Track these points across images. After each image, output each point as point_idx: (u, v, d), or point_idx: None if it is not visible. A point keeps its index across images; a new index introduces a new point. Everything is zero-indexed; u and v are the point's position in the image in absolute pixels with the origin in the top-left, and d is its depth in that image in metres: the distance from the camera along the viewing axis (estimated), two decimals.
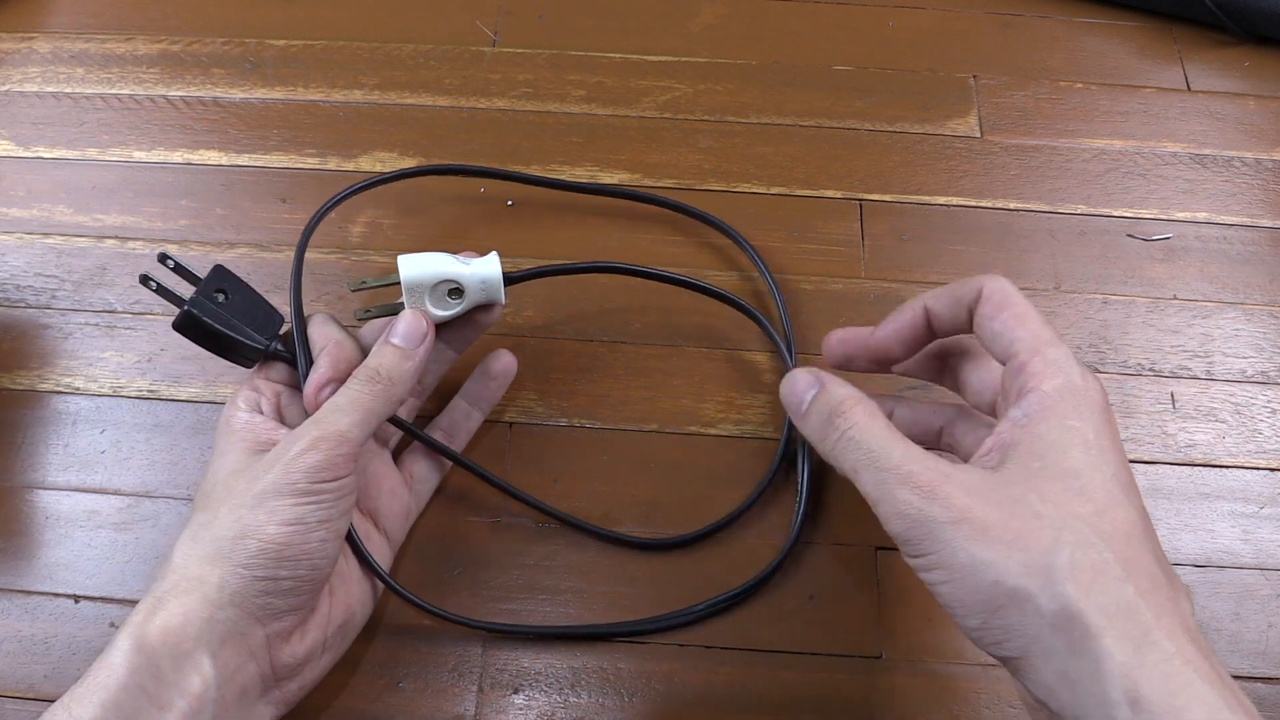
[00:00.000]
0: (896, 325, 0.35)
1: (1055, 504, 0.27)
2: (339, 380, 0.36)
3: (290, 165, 0.50)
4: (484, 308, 0.40)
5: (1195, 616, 0.27)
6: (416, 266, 0.38)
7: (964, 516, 0.27)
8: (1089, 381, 0.30)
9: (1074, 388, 0.29)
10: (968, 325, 0.33)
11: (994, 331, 0.31)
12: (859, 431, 0.30)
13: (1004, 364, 0.31)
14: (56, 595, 0.40)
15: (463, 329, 0.40)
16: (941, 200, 0.50)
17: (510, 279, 0.39)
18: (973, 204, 0.50)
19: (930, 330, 0.34)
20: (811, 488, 0.42)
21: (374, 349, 0.37)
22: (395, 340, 0.37)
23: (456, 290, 0.38)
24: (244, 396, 0.37)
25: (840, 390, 0.32)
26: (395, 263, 0.38)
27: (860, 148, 0.51)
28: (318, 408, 0.35)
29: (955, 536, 0.27)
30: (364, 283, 0.41)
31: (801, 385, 0.33)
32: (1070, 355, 0.30)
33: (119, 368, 0.45)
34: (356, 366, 0.37)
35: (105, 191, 0.49)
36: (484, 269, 0.38)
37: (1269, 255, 0.49)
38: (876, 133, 0.52)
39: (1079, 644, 0.25)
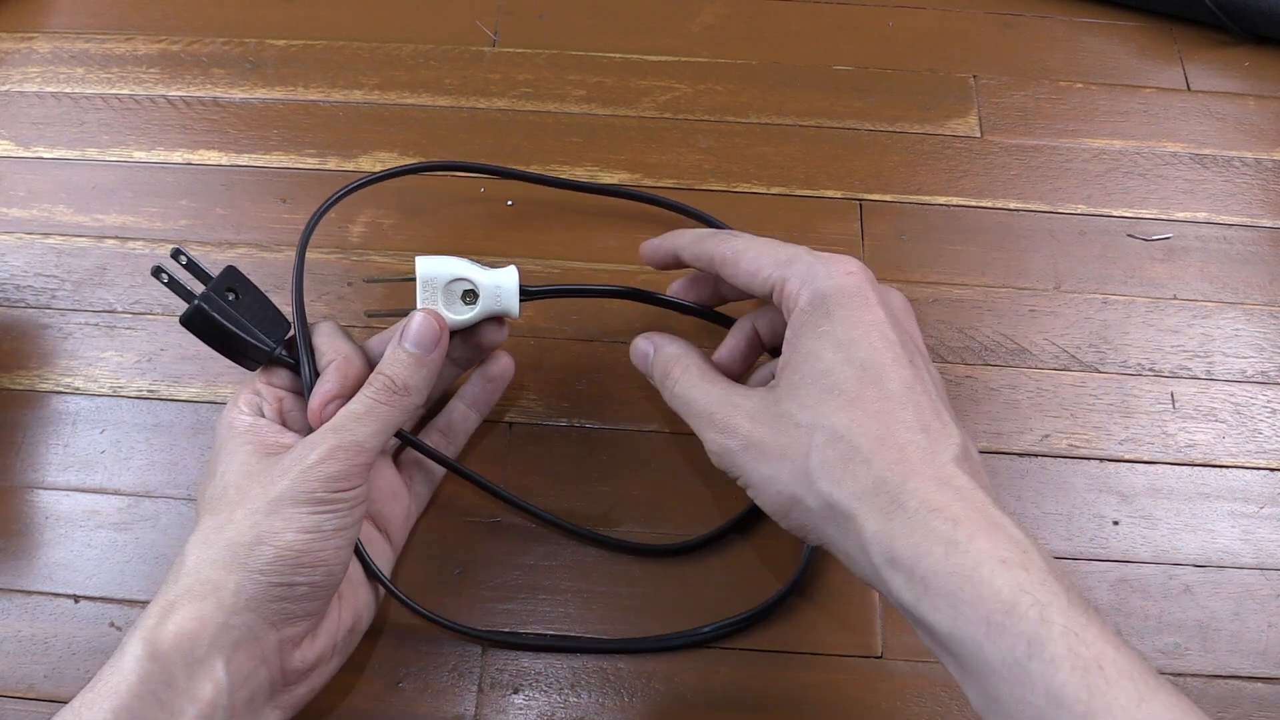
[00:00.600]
0: (655, 246, 0.40)
1: (810, 409, 0.31)
2: (345, 397, 0.36)
3: (290, 165, 0.50)
4: (491, 324, 0.40)
5: (965, 454, 0.30)
6: (433, 264, 0.38)
7: (749, 442, 0.32)
8: (836, 277, 0.32)
9: (820, 294, 0.32)
10: (729, 291, 0.38)
11: (746, 281, 0.35)
12: (681, 387, 0.35)
13: (768, 298, 0.35)
14: (56, 595, 0.40)
15: (468, 348, 0.40)
16: (941, 200, 0.50)
17: (527, 293, 0.39)
18: (973, 204, 0.50)
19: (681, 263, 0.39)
20: None
21: (387, 354, 0.36)
22: (408, 345, 0.36)
23: (471, 294, 0.38)
24: (245, 399, 0.37)
25: (668, 349, 0.37)
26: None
27: (860, 148, 0.51)
28: (321, 422, 0.35)
29: (747, 460, 0.32)
30: (379, 278, 0.41)
31: (641, 350, 0.38)
32: (815, 260, 0.33)
33: (119, 368, 0.45)
34: (364, 381, 0.36)
35: (105, 191, 0.49)
36: (501, 277, 0.38)
37: (1269, 255, 0.49)
38: (876, 133, 0.52)
39: (844, 527, 0.30)
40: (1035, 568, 0.27)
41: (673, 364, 0.36)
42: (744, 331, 0.38)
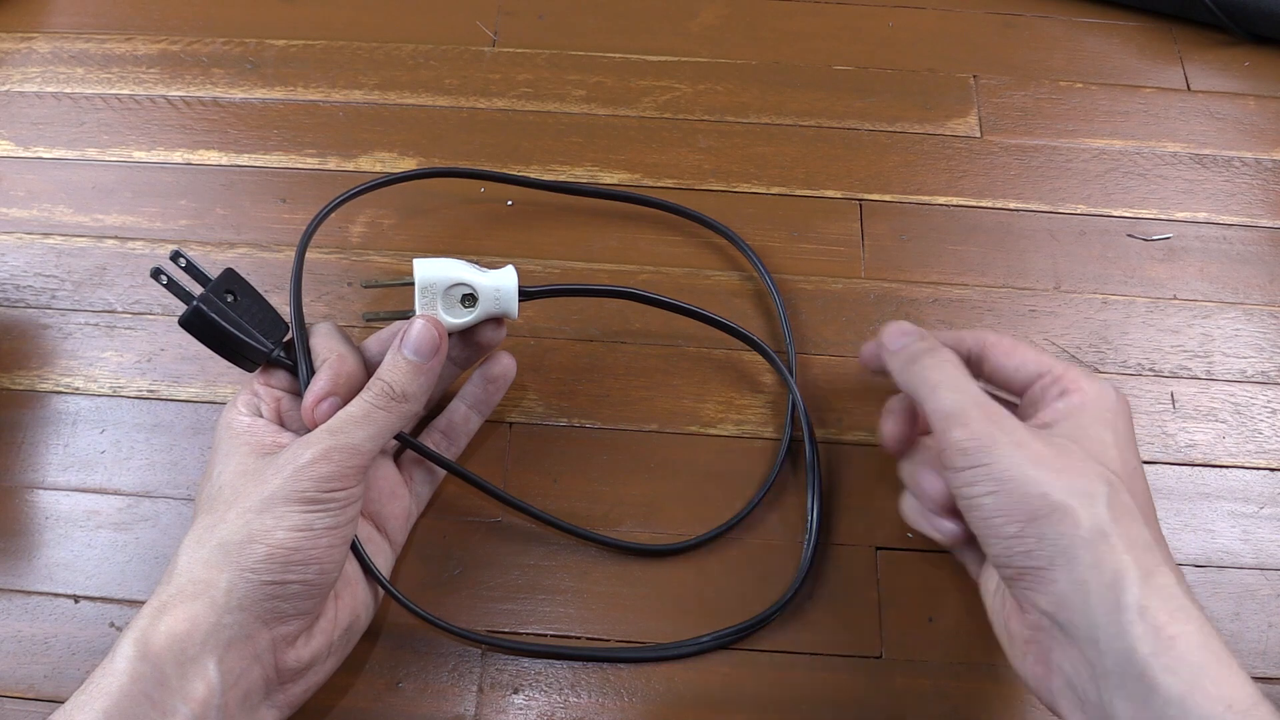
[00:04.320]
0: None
1: (1094, 458, 0.31)
2: (338, 394, 0.36)
3: (290, 165, 0.50)
4: (490, 324, 0.40)
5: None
6: (432, 268, 0.38)
7: (1022, 443, 0.31)
8: (1121, 399, 0.34)
9: (1109, 396, 0.34)
10: (974, 372, 0.37)
11: (1017, 365, 0.36)
12: (949, 365, 0.35)
13: (1027, 388, 0.36)
14: (56, 595, 0.40)
15: (467, 348, 0.40)
16: (941, 200, 0.50)
17: (526, 294, 0.39)
18: (973, 204, 0.50)
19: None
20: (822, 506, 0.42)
21: (387, 360, 0.36)
22: (408, 352, 0.36)
23: (470, 297, 0.38)
24: (244, 400, 0.37)
25: (929, 342, 0.37)
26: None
27: (860, 148, 0.51)
28: (314, 420, 0.35)
29: (1013, 454, 0.31)
30: (377, 282, 0.41)
31: (900, 330, 0.37)
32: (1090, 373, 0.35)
33: (119, 368, 0.45)
34: (359, 380, 0.36)
35: (105, 191, 0.49)
36: (500, 279, 0.38)
37: (1269, 255, 0.49)
38: (876, 133, 0.52)
39: (1104, 559, 0.29)
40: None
41: (940, 348, 0.36)
42: (901, 414, 0.38)
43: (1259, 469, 0.43)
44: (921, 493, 0.36)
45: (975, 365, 0.37)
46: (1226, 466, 0.43)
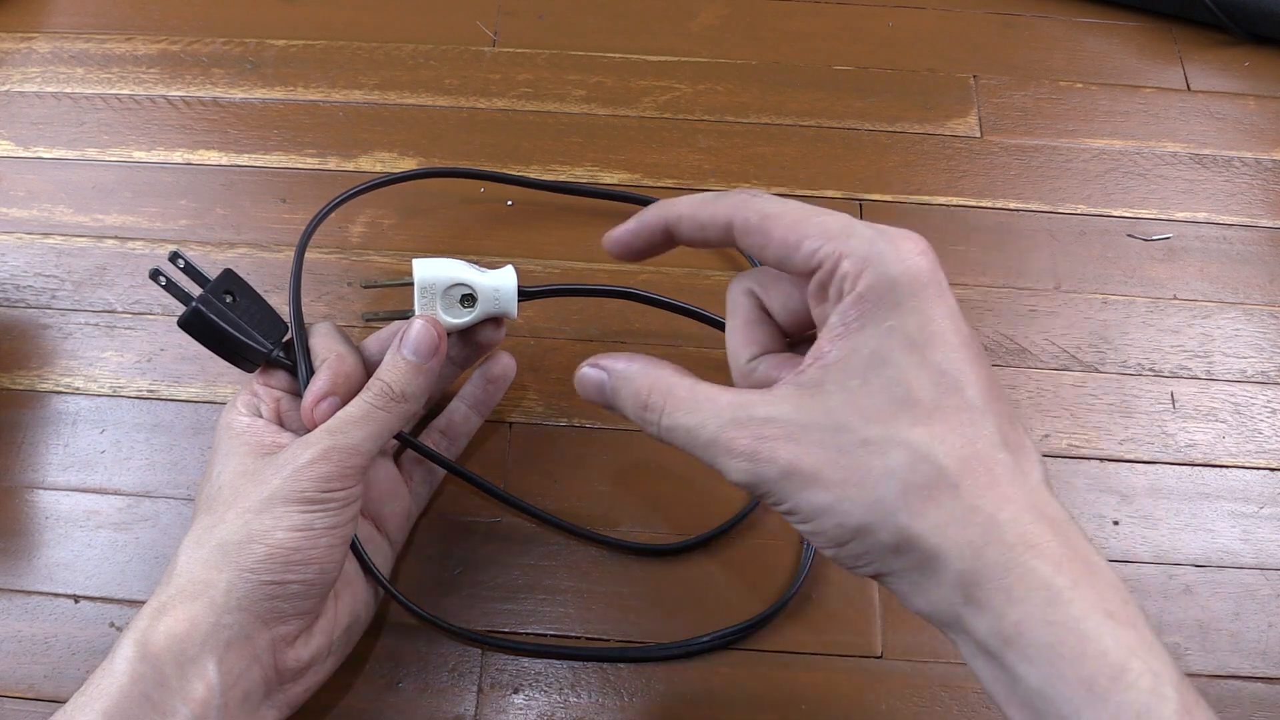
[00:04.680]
0: (635, 231, 0.33)
1: (881, 422, 0.26)
2: (337, 393, 0.36)
3: (290, 165, 0.50)
4: (489, 324, 0.40)
5: (1046, 472, 0.27)
6: (431, 268, 0.38)
7: (793, 469, 0.26)
8: (907, 259, 0.27)
9: (889, 279, 0.26)
10: (726, 244, 0.31)
11: (779, 253, 0.28)
12: (671, 417, 0.29)
13: (808, 275, 0.28)
14: (56, 595, 0.40)
15: (466, 347, 0.40)
16: (941, 200, 0.50)
17: (525, 294, 0.39)
18: (973, 204, 0.50)
19: (672, 241, 0.32)
20: None
21: (386, 360, 0.36)
22: (407, 353, 0.36)
23: (469, 297, 0.38)
24: (244, 400, 0.37)
25: (631, 369, 0.31)
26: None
27: (860, 148, 0.51)
28: (314, 420, 0.35)
29: (790, 489, 0.27)
30: (376, 282, 0.41)
31: (591, 380, 0.32)
32: (877, 236, 0.27)
33: (119, 368, 0.45)
34: (358, 379, 0.36)
35: (105, 191, 0.49)
36: (500, 279, 0.38)
37: (1269, 255, 0.49)
38: (876, 133, 0.52)
39: (921, 562, 0.26)
40: (1141, 625, 0.24)
41: (646, 389, 0.30)
42: (745, 308, 0.31)
43: (1259, 469, 0.43)
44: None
45: (723, 240, 0.30)
46: (1226, 466, 0.43)
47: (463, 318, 0.38)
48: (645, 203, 0.49)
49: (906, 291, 0.26)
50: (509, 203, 0.49)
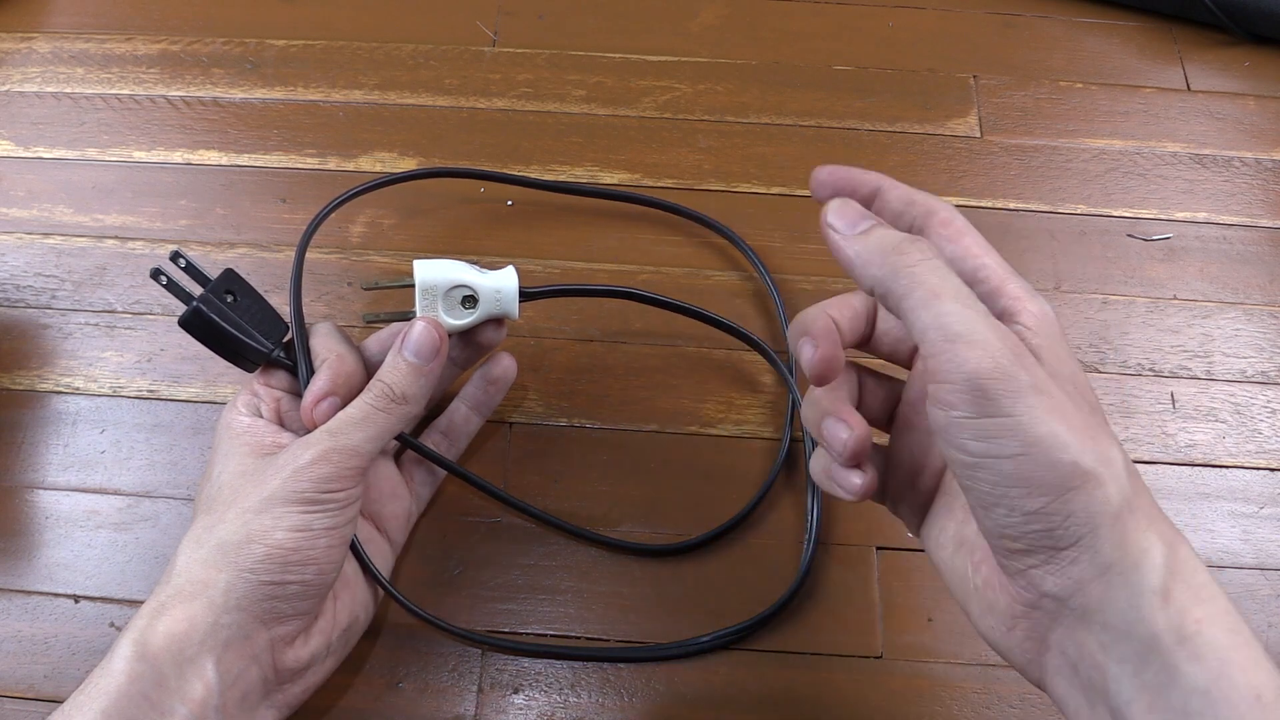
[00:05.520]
0: (849, 175, 0.31)
1: (1089, 405, 0.26)
2: (338, 394, 0.36)
3: (290, 165, 0.50)
4: (490, 325, 0.40)
5: None
6: (432, 270, 0.38)
7: (1045, 388, 0.25)
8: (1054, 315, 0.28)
9: (1052, 316, 0.28)
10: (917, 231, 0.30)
11: (954, 255, 0.29)
12: (949, 271, 0.26)
13: (970, 281, 0.28)
14: (56, 595, 0.40)
15: (467, 348, 0.40)
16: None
17: (526, 294, 0.39)
18: (973, 204, 0.50)
19: (869, 202, 0.31)
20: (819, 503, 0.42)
21: (387, 361, 0.36)
22: (408, 354, 0.36)
23: (470, 299, 0.38)
24: (244, 401, 0.37)
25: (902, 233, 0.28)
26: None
27: (860, 148, 0.51)
28: (314, 420, 0.35)
29: (1038, 405, 0.24)
30: (377, 284, 0.41)
31: (861, 209, 0.29)
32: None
33: (119, 368, 0.45)
34: (358, 380, 0.36)
35: (105, 191, 0.49)
36: (501, 280, 0.38)
37: (1269, 255, 0.49)
38: (876, 133, 0.52)
39: (1129, 537, 0.25)
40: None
41: (924, 243, 0.27)
42: (859, 306, 0.32)
43: (1259, 469, 0.43)
44: (834, 439, 0.29)
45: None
46: (1226, 466, 0.43)
47: (464, 319, 0.38)
48: (646, 203, 0.49)
49: (1060, 330, 0.28)
50: (509, 203, 0.49)
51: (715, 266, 0.48)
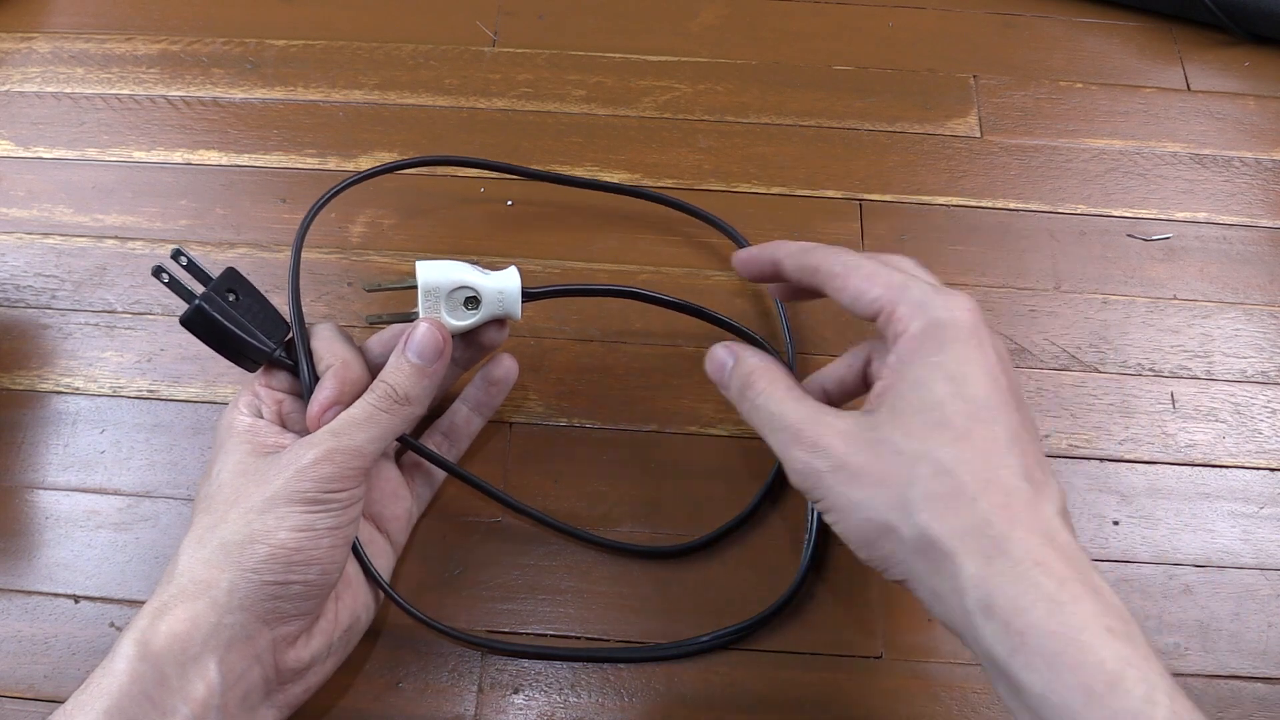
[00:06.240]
0: (755, 255, 0.38)
1: (916, 439, 0.30)
2: (344, 403, 0.36)
3: (290, 165, 0.50)
4: (493, 325, 0.40)
5: (1064, 510, 0.30)
6: (435, 271, 0.37)
7: (840, 464, 0.31)
8: (954, 311, 0.31)
9: (936, 324, 0.31)
10: (814, 286, 0.35)
11: (851, 298, 0.33)
12: (764, 399, 0.34)
13: (873, 320, 0.33)
14: (56, 595, 0.40)
15: (469, 348, 0.40)
16: (941, 200, 0.50)
17: (529, 295, 0.39)
18: (973, 204, 0.50)
19: (778, 275, 0.37)
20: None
21: (391, 362, 0.36)
22: (412, 356, 0.36)
23: (473, 300, 0.38)
24: (245, 401, 0.37)
25: (751, 360, 0.35)
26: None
27: (860, 148, 0.51)
28: (320, 429, 0.35)
29: (835, 483, 0.31)
30: (380, 285, 0.41)
31: (719, 358, 0.36)
32: (931, 290, 0.32)
33: (119, 368, 0.45)
34: (363, 386, 0.36)
35: (105, 191, 0.49)
36: (503, 280, 0.38)
37: (1269, 255, 0.49)
38: (876, 133, 0.52)
39: (938, 565, 0.28)
40: (1139, 642, 0.26)
41: (756, 374, 0.34)
42: (853, 362, 0.37)
43: (1259, 469, 0.43)
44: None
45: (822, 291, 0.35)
46: (1226, 466, 0.43)
47: (467, 320, 0.38)
48: (645, 196, 0.49)
49: (950, 336, 0.31)
50: (509, 202, 0.49)
51: (715, 266, 0.48)
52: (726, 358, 0.36)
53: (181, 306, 0.36)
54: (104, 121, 0.51)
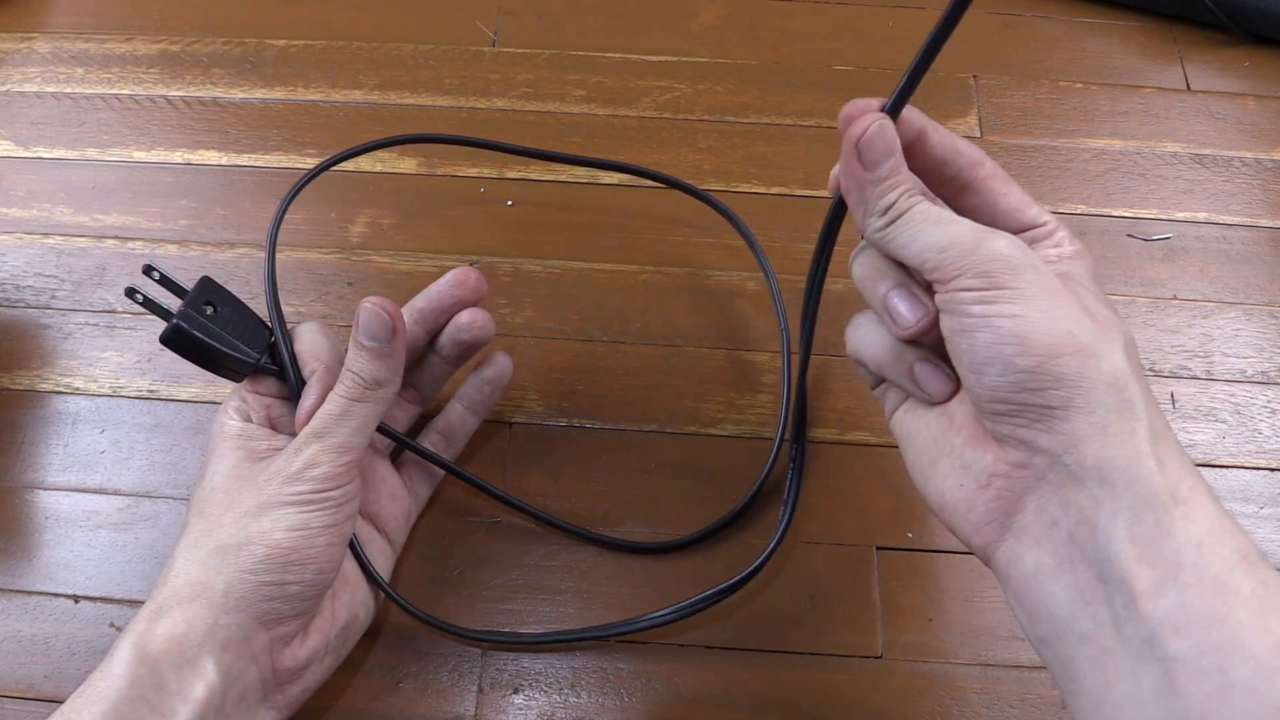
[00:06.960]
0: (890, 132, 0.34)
1: (1105, 312, 0.29)
2: None
3: (290, 165, 0.50)
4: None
5: None
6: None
7: (1048, 281, 0.28)
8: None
9: (1090, 262, 0.31)
10: (958, 179, 0.32)
11: (1013, 206, 0.31)
12: (919, 221, 0.30)
13: (1020, 230, 0.31)
14: (56, 595, 0.40)
15: (455, 347, 0.40)
16: None
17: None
18: None
19: (913, 152, 0.34)
20: (802, 481, 0.42)
21: (349, 351, 0.35)
22: (364, 339, 0.35)
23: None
24: (234, 406, 0.37)
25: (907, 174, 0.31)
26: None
27: None
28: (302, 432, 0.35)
29: (1038, 283, 0.28)
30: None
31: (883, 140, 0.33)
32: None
33: (119, 368, 0.45)
34: None
35: (105, 191, 0.49)
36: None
37: (1269, 255, 0.49)
38: None
39: (1124, 406, 0.27)
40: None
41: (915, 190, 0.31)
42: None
43: (1259, 469, 0.43)
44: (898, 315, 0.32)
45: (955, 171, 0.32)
46: (1226, 466, 0.43)
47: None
48: (647, 174, 0.48)
49: (1093, 274, 0.30)
50: (509, 203, 0.49)
51: (716, 266, 0.48)
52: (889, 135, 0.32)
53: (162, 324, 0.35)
54: (104, 121, 0.51)
